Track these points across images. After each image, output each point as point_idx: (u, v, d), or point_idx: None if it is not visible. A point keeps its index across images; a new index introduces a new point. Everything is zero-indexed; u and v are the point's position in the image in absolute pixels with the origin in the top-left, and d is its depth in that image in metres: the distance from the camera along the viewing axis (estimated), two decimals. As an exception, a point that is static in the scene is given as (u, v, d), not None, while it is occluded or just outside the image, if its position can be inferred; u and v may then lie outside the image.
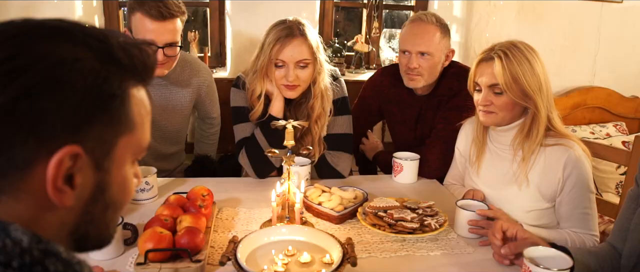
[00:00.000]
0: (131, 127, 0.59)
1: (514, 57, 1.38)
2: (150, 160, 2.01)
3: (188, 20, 1.87)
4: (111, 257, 1.20)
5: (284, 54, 1.61)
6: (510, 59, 1.38)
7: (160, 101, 1.93)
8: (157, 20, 1.67)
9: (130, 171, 0.63)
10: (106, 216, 0.61)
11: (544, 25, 2.82)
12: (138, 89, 0.60)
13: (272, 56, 1.62)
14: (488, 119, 1.46)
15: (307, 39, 1.63)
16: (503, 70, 1.38)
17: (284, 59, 1.62)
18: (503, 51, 1.39)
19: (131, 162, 0.63)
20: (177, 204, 1.34)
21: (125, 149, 0.59)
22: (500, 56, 1.39)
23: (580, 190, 1.39)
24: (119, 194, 0.61)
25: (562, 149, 1.39)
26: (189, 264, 1.12)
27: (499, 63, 1.38)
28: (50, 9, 2.43)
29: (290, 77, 1.62)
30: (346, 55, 3.13)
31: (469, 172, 1.64)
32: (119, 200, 0.62)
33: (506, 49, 1.40)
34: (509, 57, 1.38)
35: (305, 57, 1.63)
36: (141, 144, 0.62)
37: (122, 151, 0.59)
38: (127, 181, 0.62)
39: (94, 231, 0.60)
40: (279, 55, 1.61)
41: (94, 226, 0.60)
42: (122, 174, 0.61)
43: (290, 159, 1.33)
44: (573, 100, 2.87)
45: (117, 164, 0.59)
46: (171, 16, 1.69)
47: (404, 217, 1.35)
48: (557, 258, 1.12)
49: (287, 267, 1.14)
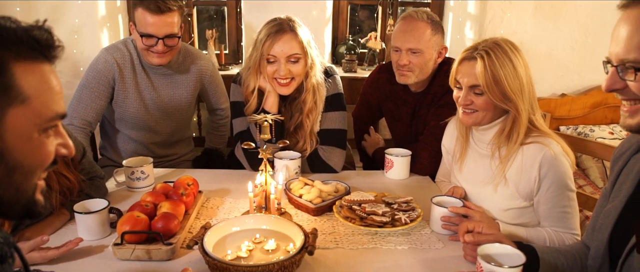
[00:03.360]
0: (22, 100, 0.66)
1: (497, 58, 1.36)
2: (156, 147, 2.15)
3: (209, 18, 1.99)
4: (97, 238, 1.31)
5: (275, 49, 1.67)
6: (493, 59, 1.36)
7: (165, 90, 2.05)
8: (156, 14, 1.82)
9: (38, 138, 0.69)
10: (13, 178, 0.68)
11: (563, 21, 2.73)
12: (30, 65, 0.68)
13: (264, 52, 1.69)
14: (469, 120, 1.45)
15: (297, 35, 1.68)
16: (485, 71, 1.36)
17: (275, 54, 1.68)
18: (486, 51, 1.38)
19: (39, 131, 0.70)
20: (161, 191, 1.43)
21: (21, 119, 0.66)
22: (483, 56, 1.37)
23: (557, 189, 1.37)
24: (26, 159, 0.68)
25: (538, 148, 1.38)
26: (160, 247, 1.21)
27: (481, 64, 1.37)
28: (75, 9, 2.60)
29: (282, 71, 1.68)
30: (360, 52, 3.16)
31: (453, 169, 1.64)
32: (26, 164, 0.68)
33: (489, 48, 1.38)
34: (491, 58, 1.36)
35: (296, 51, 1.68)
36: (43, 116, 0.69)
37: (17, 120, 0.66)
38: (35, 147, 0.69)
39: (4, 194, 0.68)
40: (270, 50, 1.68)
41: (2, 188, 0.67)
42: (24, 141, 0.67)
43: (266, 151, 1.39)
44: (593, 99, 2.76)
45: (14, 132, 0.66)
46: (168, 10, 1.84)
47: (375, 211, 1.38)
48: (513, 256, 1.12)
49: (251, 254, 1.21)
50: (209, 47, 3.07)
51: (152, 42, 1.87)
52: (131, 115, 2.03)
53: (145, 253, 1.19)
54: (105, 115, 2.11)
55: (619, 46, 0.94)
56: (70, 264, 1.19)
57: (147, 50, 1.90)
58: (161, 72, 2.03)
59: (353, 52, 3.04)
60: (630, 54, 0.92)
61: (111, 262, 1.20)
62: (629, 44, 0.92)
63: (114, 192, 1.65)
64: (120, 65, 1.97)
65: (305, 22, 1.75)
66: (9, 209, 0.70)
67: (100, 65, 1.95)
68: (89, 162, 1.54)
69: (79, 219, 1.30)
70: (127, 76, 1.98)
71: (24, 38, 0.67)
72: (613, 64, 0.97)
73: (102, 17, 2.70)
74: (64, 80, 2.56)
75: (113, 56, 1.96)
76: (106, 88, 1.96)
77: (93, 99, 1.94)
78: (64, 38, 2.69)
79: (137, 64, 2.00)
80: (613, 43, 0.96)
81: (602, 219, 1.15)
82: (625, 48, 0.93)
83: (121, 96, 2.00)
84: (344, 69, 3.00)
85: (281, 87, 1.73)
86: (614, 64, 0.96)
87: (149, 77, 2.02)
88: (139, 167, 1.64)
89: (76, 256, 1.23)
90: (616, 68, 0.96)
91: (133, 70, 1.99)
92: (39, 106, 0.69)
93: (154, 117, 2.07)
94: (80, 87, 1.96)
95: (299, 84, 1.76)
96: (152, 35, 1.85)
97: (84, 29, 2.65)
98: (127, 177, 1.65)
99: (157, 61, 1.92)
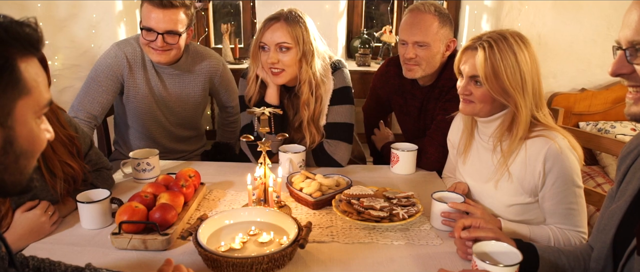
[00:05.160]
0: (27, 91, 0.73)
1: (500, 50, 1.31)
2: (168, 142, 2.18)
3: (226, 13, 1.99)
4: (98, 227, 1.35)
5: (266, 36, 1.69)
6: (495, 51, 1.31)
7: (174, 89, 2.07)
8: (158, 8, 1.84)
9: (36, 125, 0.76)
10: (19, 164, 0.75)
11: (585, 13, 2.64)
12: (28, 59, 0.74)
13: (258, 38, 1.72)
14: (467, 108, 1.42)
15: (289, 24, 1.68)
16: (485, 63, 1.32)
17: (265, 41, 1.70)
18: (489, 42, 1.33)
19: (35, 118, 0.76)
20: (163, 183, 1.46)
21: (26, 109, 0.73)
22: (485, 47, 1.33)
23: (563, 184, 1.32)
24: (28, 145, 0.75)
25: (542, 141, 1.33)
26: (156, 237, 1.23)
27: (482, 54, 1.33)
28: (93, 4, 2.66)
29: (271, 59, 1.69)
30: (374, 46, 3.13)
31: (457, 163, 1.61)
32: (29, 149, 0.76)
33: (493, 40, 1.33)
34: (493, 49, 1.32)
35: (284, 40, 1.68)
36: (40, 103, 0.76)
37: (23, 110, 0.73)
38: (34, 133, 0.76)
39: (10, 178, 0.75)
40: (262, 38, 1.70)
41: (9, 173, 0.74)
42: (28, 128, 0.74)
43: (265, 144, 1.39)
44: (615, 94, 2.66)
45: (21, 121, 0.73)
46: (172, 6, 1.85)
47: (373, 206, 1.37)
48: (510, 254, 1.09)
49: (244, 246, 1.22)
50: (224, 41, 3.10)
51: (152, 36, 1.88)
52: (142, 112, 2.06)
53: (141, 243, 1.22)
54: (118, 111, 2.16)
55: (629, 29, 0.91)
56: (70, 251, 1.22)
57: (147, 45, 1.92)
58: (169, 71, 2.04)
59: (367, 46, 3.01)
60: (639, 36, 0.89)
61: (109, 251, 1.23)
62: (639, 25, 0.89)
63: (121, 183, 1.68)
64: (130, 60, 1.99)
65: (317, 16, 1.75)
66: (12, 189, 0.77)
67: (110, 59, 1.98)
68: (95, 153, 1.58)
69: (81, 208, 1.33)
70: (137, 72, 2.00)
71: (22, 34, 0.73)
72: (622, 48, 0.93)
73: (119, 12, 2.75)
74: (82, 75, 2.64)
75: (124, 51, 1.98)
76: (114, 83, 1.98)
77: (100, 93, 1.96)
78: (82, 33, 2.78)
79: (148, 61, 2.01)
80: (623, 27, 0.94)
81: (606, 219, 1.11)
82: (635, 30, 0.90)
83: (132, 92, 2.03)
84: (358, 63, 2.98)
85: (274, 76, 1.74)
86: (623, 48, 0.93)
87: (158, 74, 2.04)
88: (145, 159, 1.67)
89: (76, 244, 1.26)
90: (624, 52, 0.93)
91: (143, 67, 2.01)
92: (37, 95, 0.76)
93: (164, 113, 2.10)
94: (88, 80, 1.98)
95: (292, 75, 1.74)
96: (152, 29, 1.87)
97: (102, 24, 2.71)
98: (134, 168, 1.69)
99: (156, 58, 1.93)
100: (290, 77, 1.73)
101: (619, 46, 0.95)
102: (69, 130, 1.42)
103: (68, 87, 2.74)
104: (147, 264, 1.18)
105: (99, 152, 1.61)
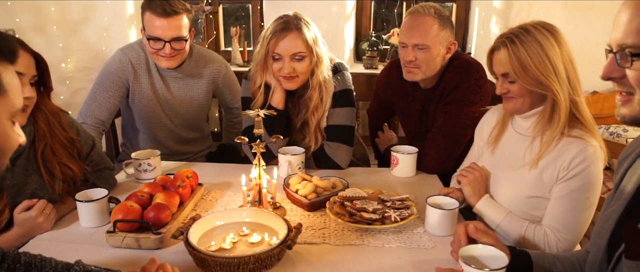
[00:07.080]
0: (4, 92, 0.80)
1: (522, 43, 1.32)
2: (173, 144, 2.21)
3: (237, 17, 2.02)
4: (96, 226, 1.38)
5: (280, 47, 1.69)
6: (517, 45, 1.32)
7: (179, 92, 2.10)
8: (163, 17, 1.86)
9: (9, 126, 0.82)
10: None
11: (595, 14, 2.58)
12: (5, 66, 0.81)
13: (270, 49, 1.71)
14: (509, 106, 1.42)
15: (302, 33, 1.69)
16: (509, 59, 1.33)
17: (279, 52, 1.69)
18: (510, 38, 1.34)
19: (8, 119, 0.82)
20: (160, 183, 1.48)
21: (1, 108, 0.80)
22: (506, 44, 1.34)
23: (579, 188, 1.30)
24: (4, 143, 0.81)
25: (578, 143, 1.31)
26: (149, 236, 1.25)
27: (505, 52, 1.34)
28: (105, 7, 2.73)
29: (286, 69, 1.70)
30: (382, 49, 3.12)
31: (483, 153, 1.59)
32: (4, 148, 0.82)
33: (514, 35, 1.34)
34: (515, 44, 1.32)
35: (300, 50, 1.69)
36: (14, 106, 0.83)
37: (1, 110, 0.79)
38: (5, 132, 0.82)
39: None
40: (275, 48, 1.69)
41: None
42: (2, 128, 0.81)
43: (259, 146, 1.41)
44: (628, 98, 2.59)
45: None
46: (175, 13, 1.87)
47: (365, 208, 1.36)
48: (498, 258, 1.07)
49: (234, 246, 1.23)
50: (233, 44, 3.13)
51: (160, 45, 1.91)
52: (147, 114, 2.10)
53: (134, 241, 1.24)
54: (124, 114, 2.20)
55: (618, 31, 0.90)
56: (66, 248, 1.26)
57: (155, 54, 1.95)
58: (173, 75, 2.08)
59: (375, 49, 3.01)
60: (629, 39, 0.88)
61: (104, 249, 1.25)
62: (628, 28, 0.88)
63: (123, 183, 1.72)
64: (135, 65, 2.03)
65: (324, 19, 1.76)
66: None
67: (114, 65, 2.02)
68: (98, 154, 1.61)
69: (79, 207, 1.37)
70: (141, 76, 2.04)
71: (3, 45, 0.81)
72: (613, 51, 0.92)
73: (130, 15, 2.81)
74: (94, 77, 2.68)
75: (128, 56, 2.02)
76: (120, 88, 2.02)
77: (107, 99, 2.00)
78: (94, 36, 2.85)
79: (152, 65, 2.05)
80: (613, 29, 0.92)
81: (601, 223, 1.09)
82: (624, 32, 0.89)
83: (137, 96, 2.07)
84: (365, 65, 2.97)
85: (287, 81, 1.75)
86: (613, 51, 0.92)
87: (163, 78, 2.08)
88: (146, 160, 1.70)
89: (73, 241, 1.29)
90: (615, 55, 0.91)
91: (148, 71, 2.05)
92: (12, 97, 0.83)
93: (169, 116, 2.13)
94: (95, 87, 2.03)
95: (304, 80, 1.76)
96: (159, 39, 1.90)
97: (113, 27, 2.77)
98: (135, 169, 1.72)
99: (165, 64, 1.97)
100: (303, 83, 1.75)
101: (610, 49, 0.94)
102: (70, 132, 1.46)
103: (81, 89, 2.82)
104: (140, 262, 1.19)
105: (101, 152, 1.65)
